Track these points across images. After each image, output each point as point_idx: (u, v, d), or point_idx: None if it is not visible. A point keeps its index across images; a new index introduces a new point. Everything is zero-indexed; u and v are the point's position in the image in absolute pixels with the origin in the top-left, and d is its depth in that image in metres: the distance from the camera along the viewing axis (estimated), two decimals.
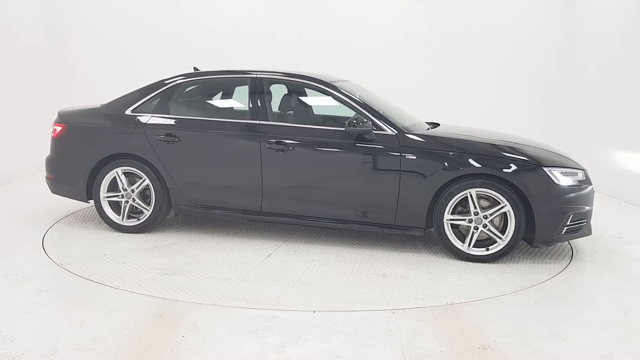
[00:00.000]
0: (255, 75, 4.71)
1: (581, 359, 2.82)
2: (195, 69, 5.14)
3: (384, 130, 4.34)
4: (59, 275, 3.78)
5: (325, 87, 4.60)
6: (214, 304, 3.34)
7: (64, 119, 4.95)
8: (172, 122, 4.68)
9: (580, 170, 4.40)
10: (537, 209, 4.10)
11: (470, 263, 4.21)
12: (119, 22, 7.99)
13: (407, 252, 4.47)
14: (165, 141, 4.61)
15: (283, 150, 4.40)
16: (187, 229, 4.94)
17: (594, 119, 7.89)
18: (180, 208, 4.72)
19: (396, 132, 4.33)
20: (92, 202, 4.86)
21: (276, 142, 4.41)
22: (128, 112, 4.76)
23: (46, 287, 3.55)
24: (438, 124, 5.00)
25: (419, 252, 4.46)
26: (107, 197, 4.76)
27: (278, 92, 4.87)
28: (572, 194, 4.22)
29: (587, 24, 8.10)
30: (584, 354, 2.86)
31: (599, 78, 7.73)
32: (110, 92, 5.39)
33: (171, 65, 6.53)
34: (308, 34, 8.18)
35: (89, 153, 4.75)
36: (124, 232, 4.74)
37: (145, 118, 4.71)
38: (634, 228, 5.61)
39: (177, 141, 4.59)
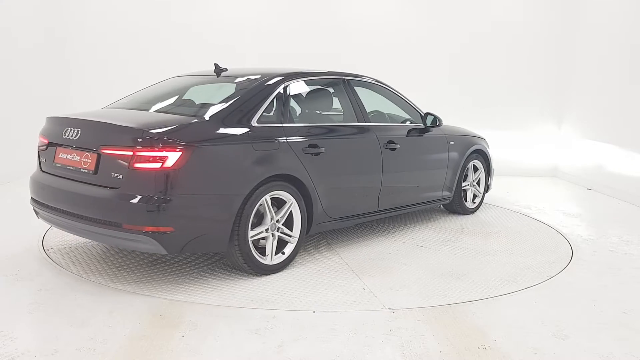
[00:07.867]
0: (343, 77, 4.71)
1: (581, 359, 2.82)
2: (216, 65, 4.50)
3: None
4: (59, 275, 3.77)
5: (388, 88, 5.10)
6: (214, 304, 3.34)
7: (181, 136, 3.35)
8: (308, 131, 4.14)
9: None
10: (490, 169, 5.99)
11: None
12: (118, 25, 7.98)
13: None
14: (310, 153, 4.02)
15: (394, 149, 4.71)
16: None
17: (594, 119, 7.89)
18: (320, 227, 4.18)
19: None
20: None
21: (388, 142, 4.68)
22: (254, 123, 3.78)
23: (46, 287, 3.54)
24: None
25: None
26: (254, 236, 3.70)
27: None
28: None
29: (587, 24, 8.10)
30: (584, 354, 2.86)
31: (598, 78, 7.73)
32: (109, 94, 5.35)
33: (171, 67, 6.53)
34: (304, 34, 8.17)
35: (239, 182, 3.55)
36: (268, 273, 3.80)
37: (279, 129, 3.93)
38: (634, 228, 5.61)
39: (321, 152, 4.09)
